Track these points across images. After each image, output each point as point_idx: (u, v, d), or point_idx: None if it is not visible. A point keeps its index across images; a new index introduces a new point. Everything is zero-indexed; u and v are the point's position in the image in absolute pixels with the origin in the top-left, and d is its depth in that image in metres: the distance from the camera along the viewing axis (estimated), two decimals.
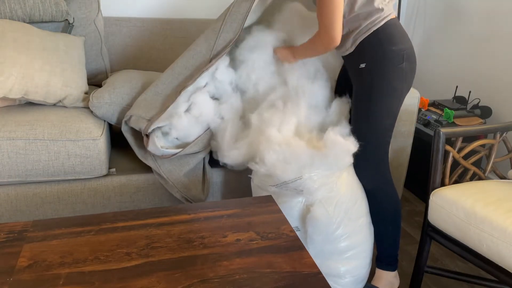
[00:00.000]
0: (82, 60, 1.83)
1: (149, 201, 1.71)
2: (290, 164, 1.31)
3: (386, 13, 1.38)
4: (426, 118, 2.22)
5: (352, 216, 1.38)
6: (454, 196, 1.31)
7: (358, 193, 1.43)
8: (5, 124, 1.51)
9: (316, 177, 1.33)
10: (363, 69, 1.41)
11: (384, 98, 1.38)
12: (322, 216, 1.34)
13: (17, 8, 1.78)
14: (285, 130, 1.43)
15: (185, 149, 1.59)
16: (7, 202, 1.57)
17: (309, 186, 1.33)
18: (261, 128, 1.46)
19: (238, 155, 1.49)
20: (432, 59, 2.70)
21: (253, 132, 1.49)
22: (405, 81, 1.40)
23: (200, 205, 1.15)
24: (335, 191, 1.36)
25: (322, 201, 1.35)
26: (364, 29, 1.39)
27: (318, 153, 1.31)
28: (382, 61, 1.37)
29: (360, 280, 1.44)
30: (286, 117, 1.46)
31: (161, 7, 2.35)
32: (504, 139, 1.54)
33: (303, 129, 1.46)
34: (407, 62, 1.38)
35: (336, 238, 1.37)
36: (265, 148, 1.36)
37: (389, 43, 1.36)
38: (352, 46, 1.43)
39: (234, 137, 1.55)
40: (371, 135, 1.41)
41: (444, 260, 1.79)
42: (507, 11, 2.17)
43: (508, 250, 1.14)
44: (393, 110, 1.41)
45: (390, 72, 1.37)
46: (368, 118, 1.40)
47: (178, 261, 0.92)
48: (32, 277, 0.86)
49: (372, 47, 1.39)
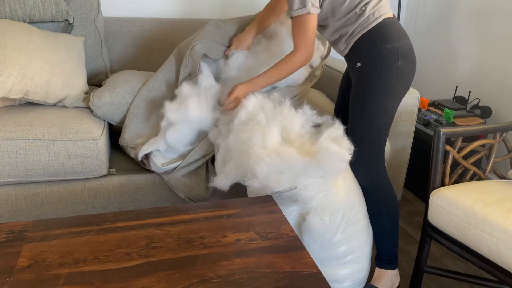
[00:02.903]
0: (82, 60, 1.83)
1: (149, 201, 1.71)
2: (283, 174, 1.28)
3: (376, 14, 1.41)
4: (426, 118, 2.22)
5: (349, 222, 1.36)
6: (454, 196, 1.31)
7: (355, 197, 1.41)
8: (5, 124, 1.51)
9: (311, 186, 1.30)
10: (359, 68, 1.44)
11: (379, 96, 1.39)
12: (318, 224, 1.32)
13: (17, 8, 1.78)
14: (270, 144, 1.35)
15: (184, 160, 1.61)
16: (7, 202, 1.57)
17: (304, 195, 1.30)
18: (242, 149, 1.37)
19: (226, 180, 1.41)
20: (432, 59, 2.70)
21: (236, 154, 1.41)
22: (402, 80, 1.41)
23: (200, 205, 1.15)
24: (330, 198, 1.34)
25: (318, 209, 1.33)
26: (354, 32, 1.43)
27: (312, 161, 1.27)
28: (376, 60, 1.39)
29: (359, 283, 1.43)
30: (266, 131, 1.37)
31: (161, 7, 2.35)
32: (504, 139, 1.54)
33: (292, 136, 1.40)
34: (403, 60, 1.39)
35: (333, 245, 1.36)
36: (255, 162, 1.29)
37: (383, 42, 1.39)
38: (346, 48, 1.48)
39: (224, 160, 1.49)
40: (366, 133, 1.42)
41: (444, 260, 1.79)
42: (507, 11, 2.17)
43: (508, 250, 1.14)
44: (388, 109, 1.42)
45: (384, 71, 1.39)
46: (363, 115, 1.42)
47: (178, 261, 0.92)
48: (32, 277, 0.86)
49: (366, 46, 1.42)
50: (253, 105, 1.46)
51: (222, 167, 1.45)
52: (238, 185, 1.47)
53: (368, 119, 1.41)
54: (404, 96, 1.47)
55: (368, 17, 1.41)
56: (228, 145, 1.44)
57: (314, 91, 2.00)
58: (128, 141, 1.66)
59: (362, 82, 1.43)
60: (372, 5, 1.41)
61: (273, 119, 1.41)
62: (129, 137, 1.66)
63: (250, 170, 1.31)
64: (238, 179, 1.38)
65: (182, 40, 2.24)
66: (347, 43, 1.47)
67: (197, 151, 1.62)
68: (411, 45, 1.44)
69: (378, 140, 1.44)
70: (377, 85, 1.39)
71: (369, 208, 1.47)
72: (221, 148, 1.48)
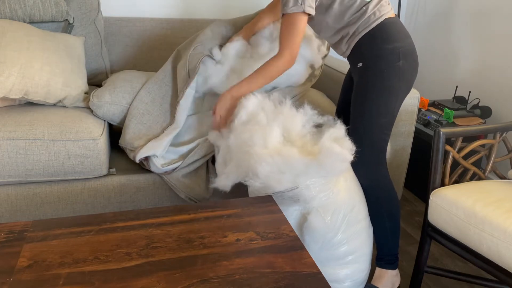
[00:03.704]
0: (82, 60, 1.83)
1: (149, 201, 1.71)
2: (284, 174, 1.28)
3: (377, 14, 1.41)
4: (426, 118, 2.22)
5: (350, 222, 1.36)
6: (454, 196, 1.31)
7: (356, 198, 1.41)
8: (5, 124, 1.51)
9: (313, 186, 1.30)
10: (361, 68, 1.44)
11: (380, 96, 1.40)
12: (319, 224, 1.32)
13: (17, 8, 1.78)
14: (271, 143, 1.34)
15: (184, 161, 1.61)
16: (7, 202, 1.57)
17: (306, 195, 1.30)
18: (243, 150, 1.37)
19: (227, 180, 1.41)
20: (432, 59, 2.70)
21: (236, 154, 1.40)
22: (403, 79, 1.41)
23: (200, 205, 1.15)
24: (332, 198, 1.33)
25: (319, 209, 1.33)
26: (355, 32, 1.44)
27: (313, 161, 1.27)
28: (377, 60, 1.40)
29: (359, 283, 1.43)
30: (267, 130, 1.37)
31: (161, 7, 2.35)
32: (504, 139, 1.54)
33: (294, 136, 1.40)
34: (404, 60, 1.39)
35: (334, 245, 1.36)
36: (257, 162, 1.29)
37: (383, 42, 1.39)
38: (347, 50, 1.49)
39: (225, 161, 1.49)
40: (367, 133, 1.42)
41: (444, 260, 1.79)
42: (507, 11, 2.17)
43: (508, 250, 1.14)
44: (389, 108, 1.41)
45: (385, 70, 1.39)
46: (363, 115, 1.42)
47: (178, 261, 0.92)
48: (32, 277, 0.86)
49: (367, 46, 1.42)
50: (253, 105, 1.46)
51: (223, 167, 1.45)
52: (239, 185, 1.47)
53: (369, 119, 1.41)
54: (406, 96, 1.47)
55: (369, 17, 1.41)
56: (229, 145, 1.43)
57: (313, 91, 2.00)
58: (128, 143, 1.66)
59: (363, 82, 1.43)
60: (373, 5, 1.41)
61: (274, 119, 1.41)
62: (129, 138, 1.66)
63: (251, 170, 1.30)
64: (239, 179, 1.37)
65: (182, 40, 2.24)
66: (349, 44, 1.47)
67: (198, 152, 1.62)
68: (413, 45, 1.44)
69: (379, 140, 1.44)
70: (379, 85, 1.39)
71: (370, 208, 1.47)
72: (222, 149, 1.48)
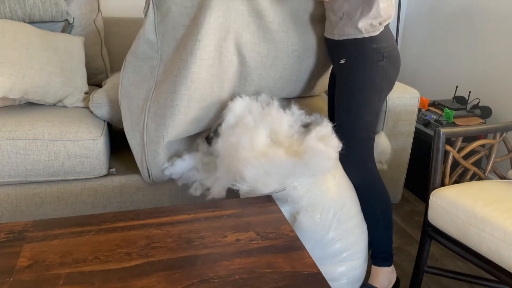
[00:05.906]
0: (82, 60, 1.83)
1: (149, 201, 1.71)
2: (271, 176, 1.28)
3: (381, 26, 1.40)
4: (426, 118, 2.22)
5: (341, 219, 1.36)
6: (454, 196, 1.32)
7: (347, 195, 1.40)
8: (5, 124, 1.51)
9: (300, 186, 1.31)
10: (343, 65, 1.45)
11: (364, 92, 1.40)
12: (309, 223, 1.32)
13: (17, 8, 1.78)
14: (258, 146, 1.35)
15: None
16: (7, 202, 1.57)
17: (294, 195, 1.31)
18: (231, 153, 1.37)
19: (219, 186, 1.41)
20: (432, 59, 2.70)
21: (225, 158, 1.40)
22: (385, 79, 1.42)
23: (200, 205, 1.15)
24: (320, 196, 1.34)
25: (308, 208, 1.33)
26: (353, 35, 1.42)
27: (299, 161, 1.27)
28: (361, 57, 1.40)
29: (356, 280, 1.43)
30: (253, 133, 1.36)
31: None
32: (504, 139, 1.54)
33: (281, 137, 1.40)
34: (388, 59, 1.41)
35: (327, 243, 1.36)
36: (243, 165, 1.29)
37: (369, 41, 1.40)
38: (335, 35, 1.46)
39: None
40: (354, 130, 1.43)
41: (444, 260, 1.79)
42: (507, 11, 2.17)
43: (508, 250, 1.14)
44: (373, 106, 1.42)
45: (368, 68, 1.40)
46: (349, 112, 1.43)
47: (178, 261, 0.92)
48: (32, 277, 0.86)
49: (352, 44, 1.42)
50: (241, 108, 1.47)
51: (214, 172, 1.46)
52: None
53: (354, 115, 1.42)
54: (388, 94, 1.48)
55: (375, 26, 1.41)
56: (218, 149, 1.44)
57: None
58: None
59: (345, 78, 1.44)
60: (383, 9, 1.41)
61: (261, 121, 1.41)
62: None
63: (238, 173, 1.31)
64: (230, 183, 1.38)
65: None
66: (343, 30, 1.43)
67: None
68: (396, 45, 1.46)
69: (365, 138, 1.45)
70: (361, 82, 1.40)
71: (362, 206, 1.47)
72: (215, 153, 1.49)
